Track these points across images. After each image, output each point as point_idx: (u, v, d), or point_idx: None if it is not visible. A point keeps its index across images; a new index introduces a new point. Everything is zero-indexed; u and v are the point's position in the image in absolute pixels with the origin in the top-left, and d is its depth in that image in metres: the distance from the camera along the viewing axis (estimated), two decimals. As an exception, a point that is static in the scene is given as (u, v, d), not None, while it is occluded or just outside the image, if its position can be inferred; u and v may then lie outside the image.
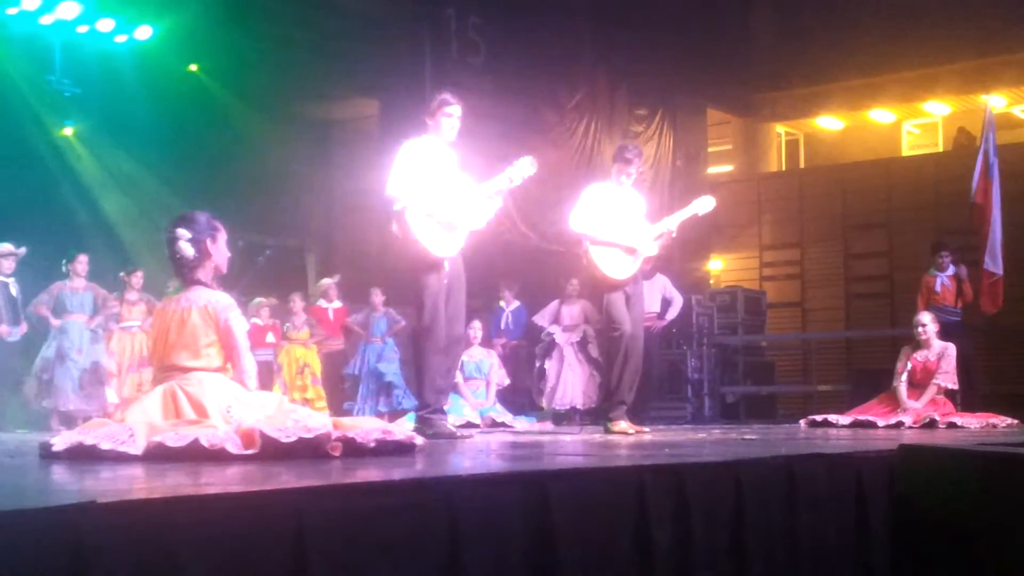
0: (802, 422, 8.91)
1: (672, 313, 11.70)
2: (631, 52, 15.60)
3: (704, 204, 7.77)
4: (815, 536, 3.92)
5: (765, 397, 14.63)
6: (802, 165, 19.97)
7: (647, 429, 7.53)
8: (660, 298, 11.62)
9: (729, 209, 16.20)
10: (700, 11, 16.49)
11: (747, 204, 17.76)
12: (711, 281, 17.52)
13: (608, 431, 7.16)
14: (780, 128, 19.92)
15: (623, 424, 7.19)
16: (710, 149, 18.90)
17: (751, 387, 14.44)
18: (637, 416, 7.39)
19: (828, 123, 19.38)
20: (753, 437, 6.53)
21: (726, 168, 19.70)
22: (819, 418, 8.80)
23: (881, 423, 8.42)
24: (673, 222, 7.66)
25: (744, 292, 15.63)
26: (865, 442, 5.89)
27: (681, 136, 17.28)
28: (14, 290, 10.13)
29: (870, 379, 11.05)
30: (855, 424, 8.52)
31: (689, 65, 16.44)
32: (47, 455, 4.12)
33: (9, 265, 10.10)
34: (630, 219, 7.57)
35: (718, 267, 18.24)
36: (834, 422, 8.61)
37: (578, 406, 10.88)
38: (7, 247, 10.08)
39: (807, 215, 17.62)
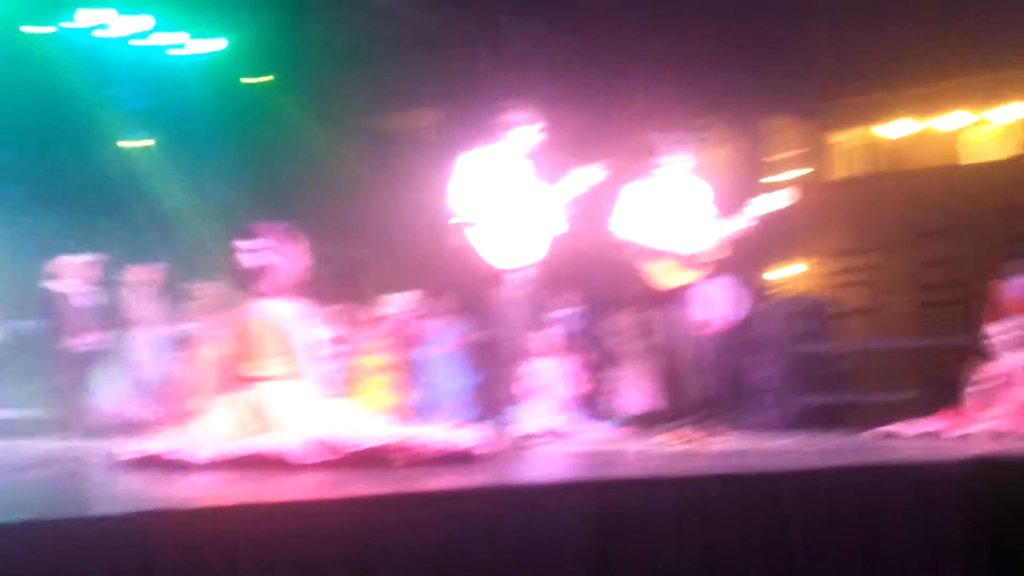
0: (872, 432, 8.76)
1: (737, 316, 11.55)
2: (693, 58, 15.50)
3: (773, 201, 7.57)
4: (886, 549, 3.85)
5: (835, 406, 14.40)
6: (868, 171, 19.70)
7: (713, 437, 7.43)
8: (725, 301, 11.49)
9: (796, 216, 15.98)
10: (762, 16, 16.35)
11: (814, 211, 17.50)
12: (779, 288, 17.34)
13: (666, 440, 7.08)
14: (845, 134, 19.68)
15: (679, 433, 7.10)
16: (774, 156, 18.73)
17: (821, 396, 14.25)
18: (701, 424, 7.28)
19: (894, 129, 19.10)
20: (824, 448, 6.43)
21: (791, 175, 19.49)
22: (891, 428, 8.64)
23: (954, 434, 8.25)
24: (741, 221, 7.48)
25: (815, 299, 15.44)
26: (937, 453, 5.77)
27: (744, 143, 17.15)
28: (85, 301, 10.29)
29: (943, 389, 10.82)
30: (926, 435, 8.36)
31: (752, 71, 16.31)
32: (117, 463, 4.18)
33: (79, 276, 10.26)
34: (687, 215, 7.38)
35: (786, 274, 18.04)
36: (906, 432, 8.45)
37: (646, 413, 10.79)
38: (75, 257, 10.25)
39: (876, 222, 17.37)
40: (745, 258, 12.19)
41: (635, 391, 11.08)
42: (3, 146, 10.75)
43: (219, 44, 12.29)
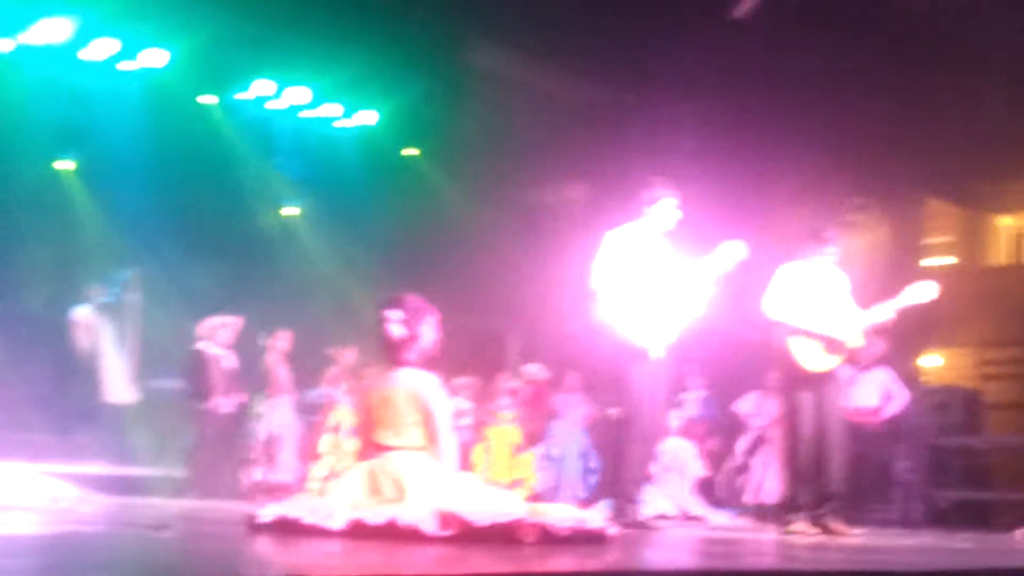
0: (1018, 533, 8.41)
1: (892, 409, 11.29)
2: (849, 139, 15.28)
3: (924, 291, 7.39)
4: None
5: (979, 504, 13.86)
6: (1027, 259, 19.06)
7: (847, 530, 7.22)
8: (880, 392, 11.25)
9: (948, 303, 15.49)
10: (922, 97, 16.05)
11: (967, 298, 17.02)
12: (926, 377, 16.84)
13: (798, 531, 6.91)
14: (1005, 220, 19.12)
15: (801, 526, 6.92)
16: (929, 240, 18.28)
17: (965, 492, 13.72)
18: (835, 516, 7.08)
19: (1059, 216, 18.49)
20: (964, 546, 6.21)
21: (946, 260, 19.00)
22: (1038, 530, 8.28)
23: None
24: (889, 310, 7.32)
25: (961, 391, 14.94)
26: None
27: (899, 226, 16.78)
28: (229, 363, 10.50)
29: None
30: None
31: (910, 153, 15.98)
32: (254, 526, 4.27)
33: (226, 336, 10.49)
34: (833, 301, 7.26)
35: (934, 363, 17.52)
36: (1053, 534, 8.10)
37: (776, 502, 10.58)
38: (222, 319, 10.50)
39: (1031, 312, 16.78)
40: (894, 345, 11.95)
41: (767, 478, 10.87)
42: (167, 204, 11.19)
43: (372, 117, 12.67)
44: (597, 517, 5.02)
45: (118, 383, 10.70)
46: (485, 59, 12.92)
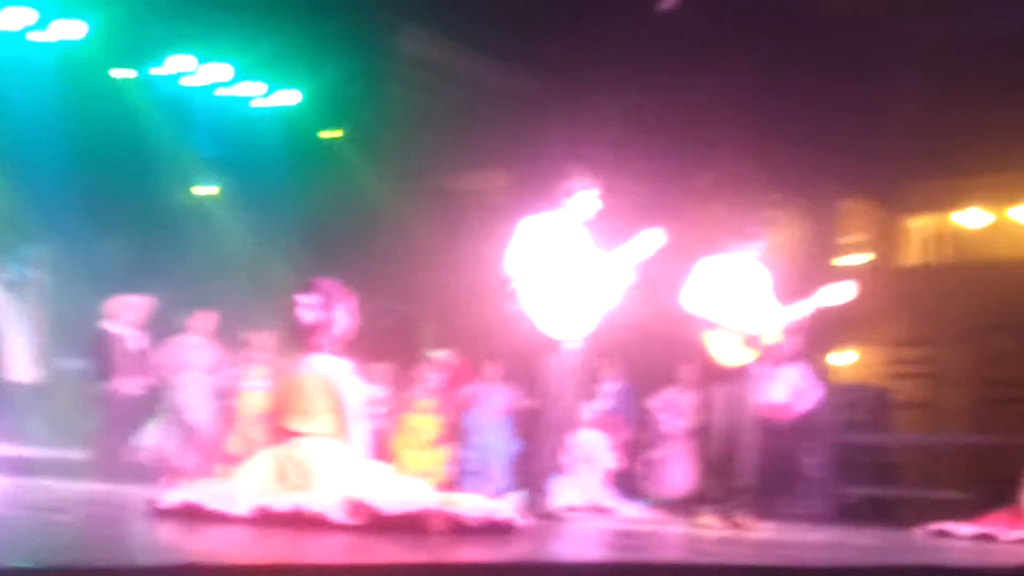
0: (923, 530, 8.57)
1: (805, 405, 11.44)
2: (767, 137, 15.44)
3: (841, 291, 7.47)
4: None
5: (886, 500, 14.13)
6: (940, 260, 19.43)
7: (754, 524, 7.28)
8: (793, 388, 11.39)
9: (860, 302, 15.78)
10: (840, 97, 16.26)
11: (879, 298, 17.26)
12: (838, 375, 17.09)
13: (704, 525, 6.95)
14: (919, 221, 19.46)
15: (710, 519, 6.97)
16: (844, 239, 18.54)
17: (872, 489, 13.98)
18: (742, 510, 7.13)
19: (971, 218, 18.85)
20: (871, 542, 6.30)
21: (860, 259, 19.31)
22: (941, 527, 8.45)
23: (1006, 536, 8.04)
24: (807, 308, 7.39)
25: (871, 389, 15.20)
26: (987, 556, 5.63)
27: (814, 225, 16.99)
28: (136, 343, 10.31)
29: (999, 489, 10.57)
30: (978, 536, 8.15)
31: (826, 153, 16.19)
32: (156, 511, 4.18)
33: (131, 317, 10.29)
34: (754, 296, 7.31)
35: (845, 361, 17.80)
36: (956, 532, 8.26)
37: (685, 495, 10.67)
38: (129, 298, 10.30)
39: (943, 312, 17.09)
40: (807, 342, 12.10)
41: (677, 471, 10.97)
42: (77, 179, 10.90)
43: (293, 97, 12.50)
44: (507, 508, 4.99)
45: (21, 362, 10.42)
46: (411, 43, 12.81)
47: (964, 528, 8.33)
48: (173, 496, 4.25)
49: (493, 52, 13.10)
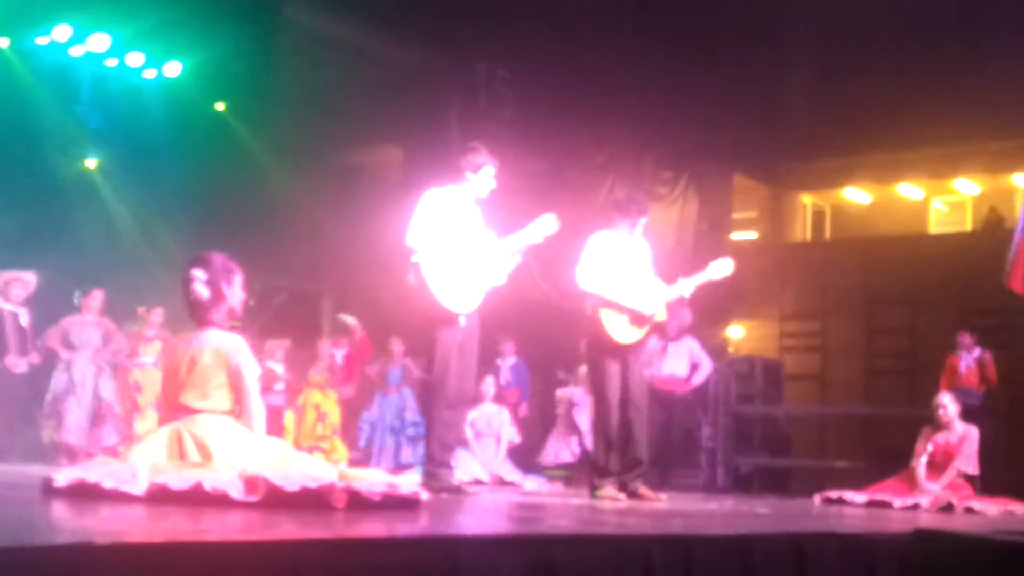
0: (816, 498, 8.77)
1: (699, 378, 11.61)
2: (660, 114, 15.60)
3: (721, 268, 7.57)
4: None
5: (780, 470, 14.44)
6: (828, 236, 19.88)
7: (662, 497, 7.38)
8: (688, 362, 11.55)
9: (751, 277, 16.08)
10: (731, 77, 16.50)
11: (770, 272, 17.66)
12: (729, 348, 17.39)
13: (600, 496, 7.02)
14: (807, 198, 19.88)
15: (610, 491, 7.05)
16: (735, 215, 18.84)
17: (766, 459, 14.26)
18: (638, 481, 7.22)
19: (856, 195, 19.33)
20: (765, 511, 6.42)
21: (750, 235, 19.65)
22: (834, 495, 8.65)
23: (897, 503, 8.27)
24: (689, 285, 7.49)
25: (763, 361, 15.49)
26: (880, 523, 5.77)
27: (706, 201, 17.23)
28: (23, 320, 10.05)
29: (888, 457, 10.88)
30: (871, 503, 8.37)
31: (718, 131, 16.43)
32: (49, 490, 4.07)
33: (18, 294, 10.02)
34: (639, 272, 7.38)
35: (737, 335, 18.12)
36: (849, 500, 8.47)
37: (583, 467, 10.79)
38: (16, 274, 10.01)
39: (830, 287, 17.51)
40: (701, 315, 12.28)
41: (574, 444, 11.07)
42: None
43: (178, 68, 12.22)
44: (409, 482, 4.96)
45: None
46: (300, 14, 12.61)
47: (857, 496, 8.55)
48: (66, 475, 4.14)
49: (387, 25, 12.98)
